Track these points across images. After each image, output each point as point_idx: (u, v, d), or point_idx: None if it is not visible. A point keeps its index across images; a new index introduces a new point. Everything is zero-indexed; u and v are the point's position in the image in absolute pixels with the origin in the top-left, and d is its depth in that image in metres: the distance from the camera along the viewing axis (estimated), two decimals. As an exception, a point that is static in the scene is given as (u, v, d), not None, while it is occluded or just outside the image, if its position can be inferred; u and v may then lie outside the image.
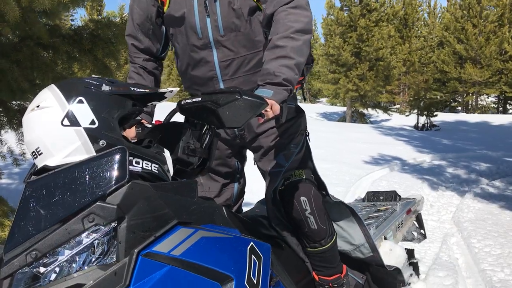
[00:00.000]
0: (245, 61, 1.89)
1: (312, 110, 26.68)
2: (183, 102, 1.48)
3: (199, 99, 1.44)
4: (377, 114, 25.96)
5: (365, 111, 25.51)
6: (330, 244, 1.97)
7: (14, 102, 3.46)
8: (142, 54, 1.99)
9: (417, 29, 32.65)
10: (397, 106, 30.54)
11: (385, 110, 25.39)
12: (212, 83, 1.91)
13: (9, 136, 3.47)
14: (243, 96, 1.39)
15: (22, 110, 3.31)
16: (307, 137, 2.06)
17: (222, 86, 1.90)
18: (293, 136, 1.99)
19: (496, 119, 21.00)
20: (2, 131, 3.32)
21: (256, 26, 1.86)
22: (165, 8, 1.88)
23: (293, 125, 2.01)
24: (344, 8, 23.52)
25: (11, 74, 2.94)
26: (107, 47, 3.22)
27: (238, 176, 2.14)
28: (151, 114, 2.00)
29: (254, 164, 2.10)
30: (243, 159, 2.17)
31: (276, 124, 1.90)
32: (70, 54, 3.22)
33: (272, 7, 1.77)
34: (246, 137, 2.01)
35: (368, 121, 24.43)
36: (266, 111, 1.53)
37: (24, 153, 3.46)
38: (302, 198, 1.90)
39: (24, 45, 2.90)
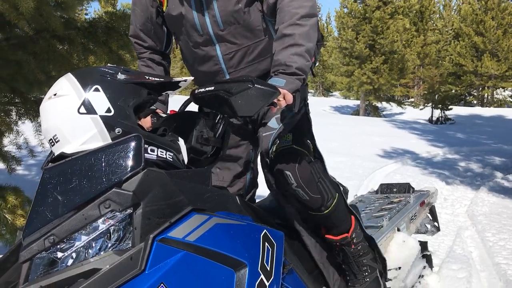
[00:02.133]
0: (248, 51, 1.90)
1: (325, 104, 26.55)
2: (196, 91, 1.50)
3: (212, 88, 1.46)
4: (390, 108, 25.74)
5: (378, 105, 25.31)
6: (330, 208, 1.90)
7: (30, 94, 3.51)
8: (148, 50, 2.02)
9: (432, 22, 32.24)
10: (412, 99, 30.26)
11: (399, 103, 25.16)
12: (218, 76, 1.93)
13: (26, 128, 3.52)
14: (255, 85, 1.40)
15: (38, 101, 3.35)
16: (307, 107, 1.99)
17: (228, 77, 1.91)
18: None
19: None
20: (19, 122, 3.37)
21: (255, 16, 1.86)
22: (164, 7, 1.89)
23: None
24: (358, 1, 23.29)
25: (27, 66, 2.99)
26: (121, 39, 3.25)
27: (251, 165, 2.15)
28: (165, 103, 2.01)
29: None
30: (256, 149, 2.17)
31: (289, 112, 1.87)
32: (86, 46, 3.25)
33: None
34: (255, 120, 1.99)
35: (381, 114, 24.25)
36: (278, 100, 1.52)
37: (42, 143, 3.50)
38: (286, 172, 1.80)
39: (40, 37, 2.93)
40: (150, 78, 1.36)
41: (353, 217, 2.06)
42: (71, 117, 1.22)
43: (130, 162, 1.18)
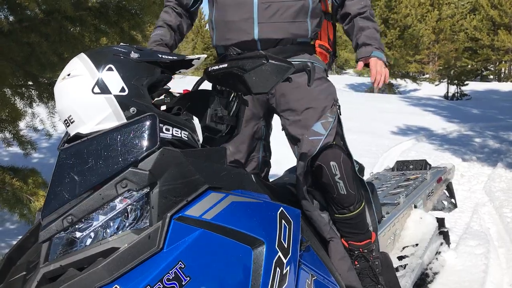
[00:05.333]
0: (283, 7, 1.90)
1: (339, 82, 26.27)
2: (210, 69, 1.48)
3: (225, 65, 1.43)
4: (406, 84, 25.39)
5: (393, 82, 24.98)
6: (359, 210, 1.96)
7: (43, 76, 3.52)
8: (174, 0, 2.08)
9: (447, -5, 31.49)
10: (427, 75, 29.79)
11: (414, 79, 24.78)
12: (247, 25, 1.91)
13: (40, 110, 3.54)
14: (269, 61, 1.37)
15: (52, 83, 3.36)
16: (339, 110, 2.03)
17: (256, 29, 1.90)
18: (328, 104, 1.96)
19: (530, 87, 20.27)
20: (34, 104, 3.39)
21: None
22: None
23: (325, 90, 1.99)
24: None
25: (39, 48, 2.99)
26: (133, 19, 3.22)
27: (263, 143, 2.13)
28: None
29: (282, 130, 2.08)
30: (268, 126, 2.16)
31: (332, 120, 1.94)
32: (97, 27, 3.23)
33: None
34: (274, 95, 1.99)
35: (396, 91, 23.94)
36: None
37: (54, 126, 3.53)
38: (332, 163, 1.89)
39: (51, 19, 2.92)
40: (163, 56, 1.35)
41: (373, 232, 2.09)
42: (85, 97, 1.21)
43: (145, 142, 1.17)
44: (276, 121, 2.14)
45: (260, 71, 1.38)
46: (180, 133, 1.31)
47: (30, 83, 3.33)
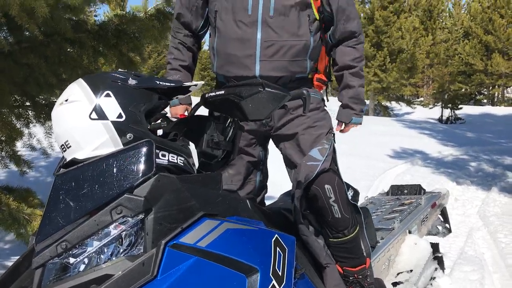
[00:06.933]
0: (285, 46, 1.93)
1: (333, 103, 26.39)
2: (207, 95, 1.49)
3: (223, 92, 1.45)
4: (400, 107, 25.58)
5: (388, 104, 25.16)
6: (353, 234, 1.97)
7: (41, 97, 3.53)
8: (184, 30, 2.10)
9: (441, 20, 31.97)
10: (421, 99, 30.03)
11: (409, 103, 24.98)
12: (248, 62, 1.94)
13: (38, 130, 3.54)
14: (266, 89, 1.39)
15: (49, 104, 3.38)
16: (334, 138, 2.09)
17: (258, 66, 1.93)
18: (324, 131, 2.03)
19: (524, 112, 20.45)
20: (31, 125, 3.39)
21: (303, 20, 1.94)
22: None
23: (322, 118, 2.06)
24: (366, 1, 23.16)
25: (38, 69, 3.01)
26: (131, 41, 3.26)
27: (261, 167, 2.15)
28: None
29: (281, 153, 2.11)
30: (266, 151, 2.18)
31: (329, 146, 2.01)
32: (96, 49, 3.27)
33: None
34: (273, 125, 2.03)
35: (391, 113, 24.10)
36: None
37: (51, 145, 3.53)
38: (327, 186, 1.91)
39: (51, 40, 2.95)
40: (160, 83, 1.36)
41: (368, 258, 2.10)
42: (82, 122, 1.22)
43: (141, 168, 1.18)
44: (272, 143, 2.17)
45: (256, 99, 1.40)
46: (176, 158, 1.32)
47: (28, 103, 3.33)
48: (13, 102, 3.28)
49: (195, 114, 1.62)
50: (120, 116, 1.24)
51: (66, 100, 1.27)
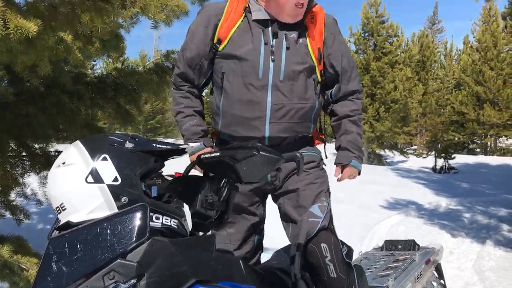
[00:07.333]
0: (294, 109, 1.99)
1: (327, 151, 26.54)
2: (202, 156, 1.52)
3: (218, 153, 1.48)
4: (393, 156, 25.75)
5: (381, 152, 25.33)
6: None
7: (36, 146, 3.56)
8: (188, 84, 2.10)
9: (434, 71, 32.76)
10: (415, 147, 30.29)
11: (402, 152, 25.19)
12: (258, 123, 1.98)
13: (32, 180, 3.55)
14: (260, 152, 1.42)
15: (45, 155, 3.40)
16: (330, 197, 2.13)
17: (267, 127, 1.97)
18: (324, 188, 2.07)
19: (517, 162, 20.62)
20: (26, 175, 3.40)
21: (310, 84, 2.02)
22: (222, 46, 1.99)
23: (322, 176, 2.11)
24: (359, 52, 23.78)
25: (37, 120, 3.05)
26: (129, 94, 3.33)
27: (260, 227, 2.16)
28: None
29: (279, 208, 2.13)
30: (265, 208, 2.19)
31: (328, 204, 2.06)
32: (94, 101, 3.33)
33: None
34: (278, 184, 2.06)
35: (385, 162, 24.23)
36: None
37: (45, 194, 3.53)
38: (323, 244, 1.92)
39: (50, 92, 3.01)
40: (157, 145, 1.39)
41: None
42: (78, 186, 1.24)
43: (135, 233, 1.19)
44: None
45: (251, 162, 1.43)
46: (170, 221, 1.33)
47: (24, 153, 3.36)
48: (10, 152, 3.30)
49: (190, 174, 1.64)
50: (116, 179, 1.26)
51: (64, 163, 1.29)
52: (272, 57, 1.94)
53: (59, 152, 3.50)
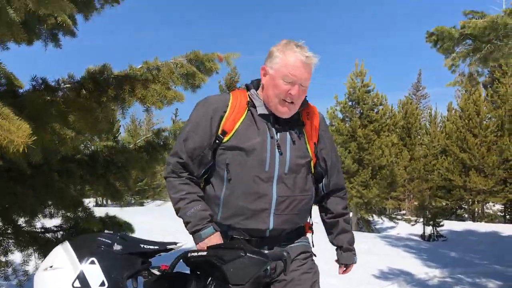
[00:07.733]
0: (295, 201, 2.06)
1: (315, 218, 26.34)
2: (189, 255, 1.54)
3: (205, 253, 1.50)
4: (382, 221, 25.62)
5: (370, 218, 25.22)
6: None
7: (22, 220, 3.52)
8: (187, 172, 2.10)
9: (419, 137, 33.35)
10: (403, 212, 30.22)
11: (391, 218, 25.11)
12: (263, 215, 2.00)
13: (16, 257, 3.47)
14: (247, 254, 1.45)
15: (30, 232, 3.36)
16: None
17: (272, 219, 2.01)
18: (317, 278, 2.16)
19: (506, 229, 20.58)
20: (9, 254, 3.34)
21: (308, 177, 2.13)
22: (227, 138, 2.02)
23: (314, 265, 2.20)
24: (346, 119, 24.29)
25: (26, 198, 3.05)
26: (119, 172, 3.36)
27: None
28: None
29: None
30: None
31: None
32: (83, 178, 3.35)
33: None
34: (275, 277, 2.08)
35: (373, 228, 24.06)
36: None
37: (28, 275, 3.44)
38: None
39: (39, 172, 3.03)
40: (145, 246, 1.41)
41: None
42: (65, 292, 1.24)
43: None
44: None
45: (238, 263, 1.45)
46: (156, 324, 1.32)
47: (9, 231, 3.31)
48: (-6, 230, 3.26)
49: (177, 271, 1.65)
50: (102, 284, 1.27)
51: (51, 266, 1.30)
52: (279, 150, 2.01)
53: (46, 229, 3.47)
